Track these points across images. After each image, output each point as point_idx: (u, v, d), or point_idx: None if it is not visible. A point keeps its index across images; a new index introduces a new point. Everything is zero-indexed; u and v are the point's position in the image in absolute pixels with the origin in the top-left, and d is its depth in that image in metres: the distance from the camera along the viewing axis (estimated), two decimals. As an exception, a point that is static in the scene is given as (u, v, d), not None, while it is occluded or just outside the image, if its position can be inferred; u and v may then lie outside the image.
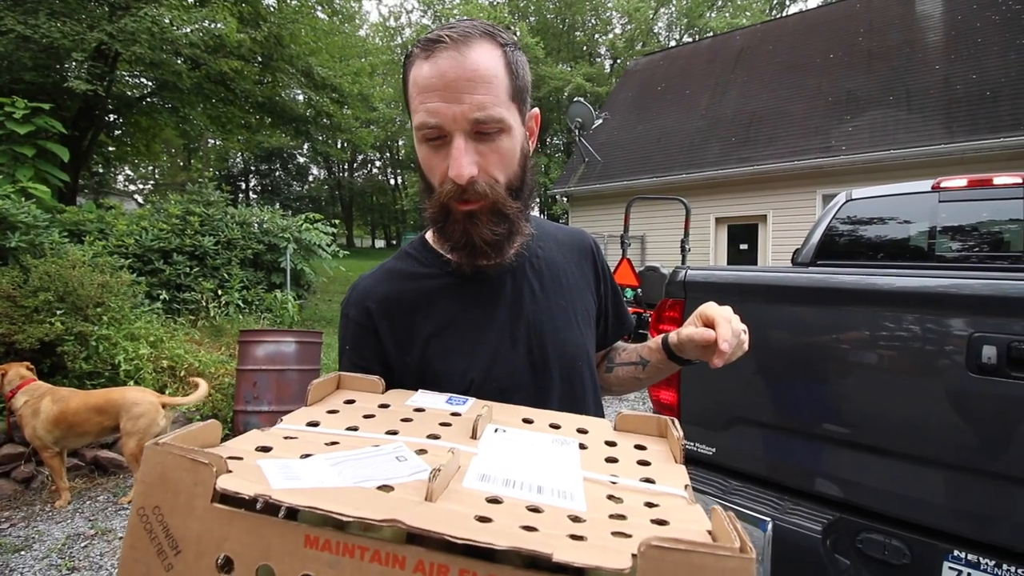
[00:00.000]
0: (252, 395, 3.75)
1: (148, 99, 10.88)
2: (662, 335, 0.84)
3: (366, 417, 0.59)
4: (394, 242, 35.76)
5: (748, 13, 25.44)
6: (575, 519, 0.40)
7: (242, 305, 6.45)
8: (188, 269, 6.23)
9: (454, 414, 0.62)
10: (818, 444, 1.46)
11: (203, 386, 3.18)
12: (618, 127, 12.40)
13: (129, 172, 26.50)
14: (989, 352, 1.19)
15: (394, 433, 0.55)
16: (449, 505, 0.39)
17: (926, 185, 3.04)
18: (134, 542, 0.39)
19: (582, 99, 12.57)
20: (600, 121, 12.67)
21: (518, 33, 23.07)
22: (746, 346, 0.76)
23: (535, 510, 0.40)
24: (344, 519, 0.34)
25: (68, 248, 4.32)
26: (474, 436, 0.55)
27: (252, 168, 31.17)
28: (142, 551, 0.39)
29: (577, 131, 10.66)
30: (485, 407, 0.61)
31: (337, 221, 9.13)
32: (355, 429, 0.56)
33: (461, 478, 0.45)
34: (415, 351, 0.75)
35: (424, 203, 0.74)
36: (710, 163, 9.76)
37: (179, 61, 9.12)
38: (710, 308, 0.76)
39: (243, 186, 31.12)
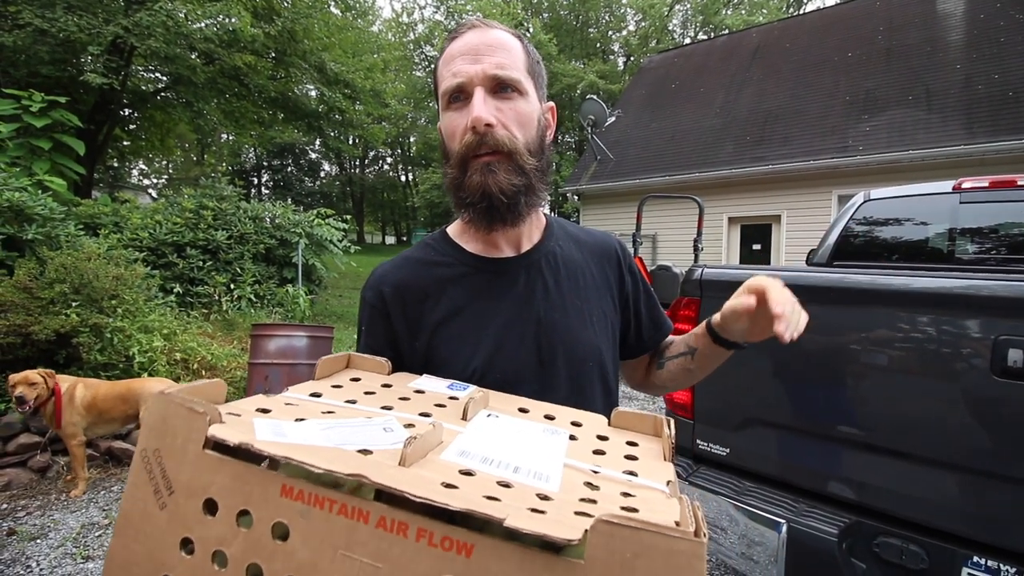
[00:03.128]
0: (263, 388, 3.78)
1: (162, 93, 11.00)
2: (706, 319, 0.82)
3: (367, 393, 0.61)
4: (404, 238, 35.91)
5: (765, 11, 25.15)
6: (543, 497, 0.40)
7: (254, 299, 6.51)
8: (201, 263, 6.29)
9: (452, 398, 0.63)
10: (835, 446, 1.44)
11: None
12: (631, 125, 12.32)
13: (143, 166, 26.86)
14: (1015, 355, 1.16)
15: (389, 408, 0.57)
16: (420, 471, 0.40)
17: (947, 186, 2.99)
18: (136, 480, 0.43)
19: (595, 96, 12.50)
20: (613, 119, 12.59)
21: (531, 29, 23.00)
22: (804, 315, 0.68)
23: (505, 485, 0.41)
24: (314, 470, 0.36)
25: (83, 241, 4.38)
26: (464, 417, 0.56)
27: (265, 163, 31.43)
28: (142, 489, 0.42)
29: (589, 128, 10.60)
30: (482, 393, 0.62)
31: (348, 217, 9.14)
32: (353, 402, 0.58)
33: (441, 452, 0.46)
34: (423, 336, 0.77)
35: (446, 173, 0.76)
36: (724, 162, 9.66)
37: (193, 56, 9.20)
38: (756, 279, 0.71)
39: (255, 181, 31.40)
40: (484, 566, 0.34)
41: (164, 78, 10.72)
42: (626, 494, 0.45)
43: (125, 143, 13.16)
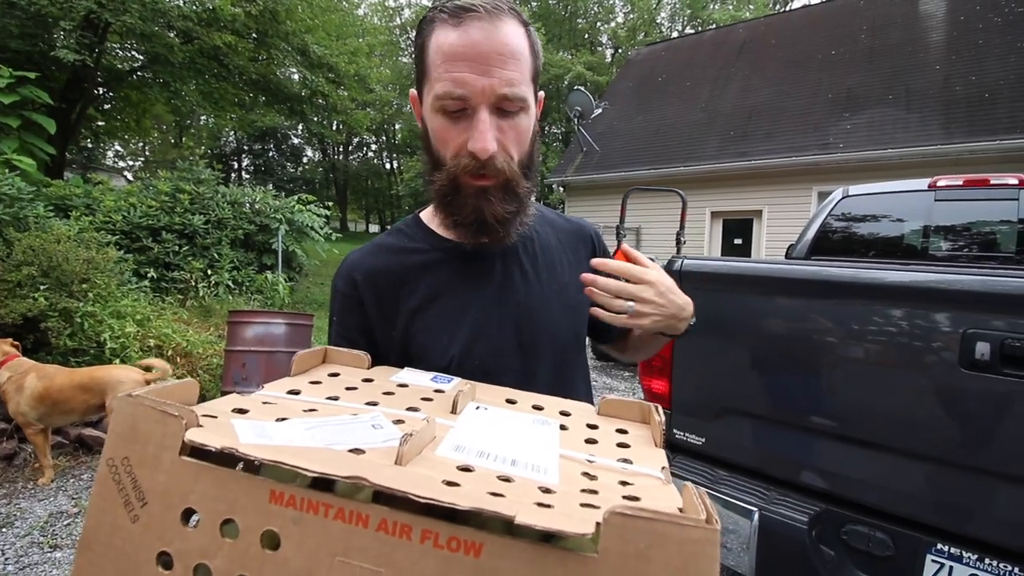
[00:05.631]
0: (241, 376, 3.72)
1: (139, 73, 10.65)
2: None
3: (348, 389, 0.59)
4: (388, 227, 35.55)
5: (752, 6, 25.26)
6: (545, 490, 0.39)
7: (232, 286, 6.39)
8: (177, 248, 6.15)
9: (437, 391, 0.61)
10: (806, 436, 1.46)
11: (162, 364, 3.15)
12: (617, 117, 12.32)
13: (119, 148, 26.06)
14: (983, 349, 1.19)
15: (374, 404, 0.55)
16: (418, 469, 0.39)
17: (923, 183, 3.04)
18: (102, 491, 0.39)
19: (582, 88, 12.46)
20: (600, 111, 12.58)
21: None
22: (640, 315, 0.70)
23: (506, 479, 0.40)
24: (308, 474, 0.34)
25: (53, 223, 4.24)
26: (454, 411, 0.55)
27: (245, 147, 30.77)
28: (109, 502, 0.39)
29: (576, 120, 10.58)
30: (469, 386, 0.61)
31: (331, 204, 9.02)
32: (335, 399, 0.56)
33: (435, 447, 0.45)
34: (399, 325, 0.75)
35: (430, 176, 0.72)
36: (708, 156, 9.73)
37: (171, 34, 8.93)
38: (642, 269, 0.72)
39: (235, 165, 30.75)
40: (494, 566, 0.33)
41: (140, 57, 10.39)
42: (624, 483, 0.44)
43: (99, 123, 12.76)
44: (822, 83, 9.76)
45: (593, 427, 0.58)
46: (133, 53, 10.65)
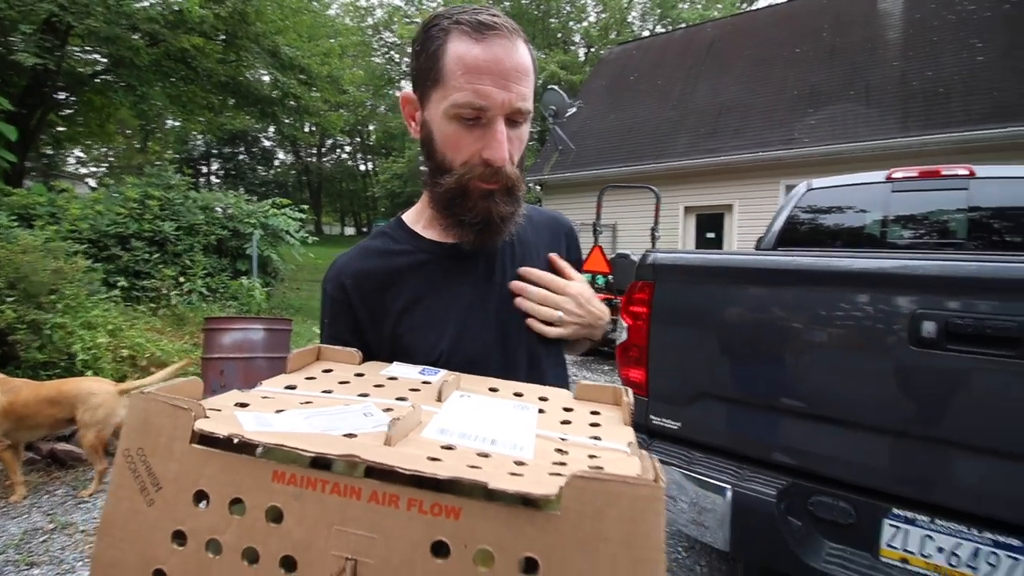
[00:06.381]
0: (219, 384, 3.67)
1: (102, 76, 10.35)
2: None
3: (341, 383, 0.63)
4: (364, 229, 35.21)
5: (720, 5, 25.78)
6: (519, 463, 0.44)
7: (206, 293, 6.28)
8: (148, 255, 6.02)
9: (425, 382, 0.65)
10: (774, 416, 1.55)
11: (165, 371, 3.11)
12: (591, 116, 12.46)
13: (80, 154, 25.23)
14: (929, 327, 1.28)
15: (365, 396, 0.59)
16: (405, 449, 0.43)
17: (881, 176, 3.19)
18: (120, 480, 0.43)
19: (556, 87, 12.56)
20: (574, 109, 12.70)
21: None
22: (560, 314, 0.80)
23: (484, 455, 0.44)
24: (307, 455, 0.39)
25: (18, 233, 4.12)
26: (439, 399, 0.59)
27: (215, 151, 30.11)
28: (126, 489, 0.43)
29: (551, 119, 10.67)
30: (454, 376, 0.64)
31: (305, 207, 8.90)
32: (329, 392, 0.59)
33: (421, 431, 0.48)
34: (388, 325, 0.78)
35: (434, 179, 0.75)
36: (680, 153, 9.92)
37: (136, 36, 8.70)
38: (569, 284, 0.83)
39: (204, 170, 30.07)
40: (472, 526, 0.37)
41: (104, 60, 10.10)
42: (592, 456, 0.48)
43: (60, 128, 12.36)
44: (787, 80, 10.04)
45: (569, 410, 0.62)
46: (96, 56, 10.34)
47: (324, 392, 0.59)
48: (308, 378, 0.64)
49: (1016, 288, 1.22)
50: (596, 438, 0.54)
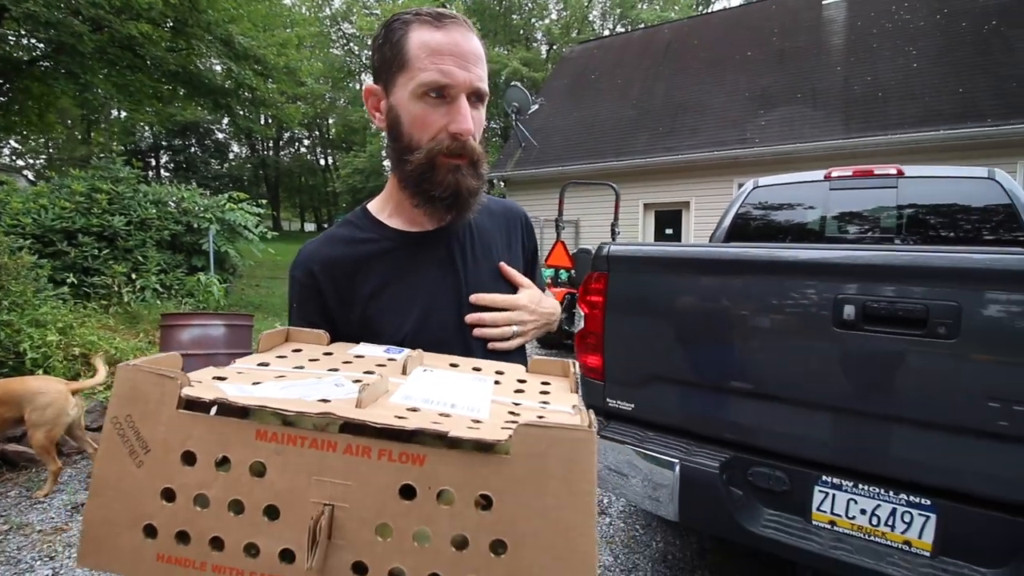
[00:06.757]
0: (178, 380, 3.60)
1: (41, 63, 9.77)
2: None
3: (311, 360, 0.68)
4: (325, 225, 34.39)
5: (677, 7, 26.42)
6: (476, 421, 0.50)
7: (160, 289, 6.08)
8: (96, 251, 5.79)
9: (390, 359, 0.71)
10: (717, 395, 1.69)
11: (101, 367, 3.02)
12: (553, 113, 12.61)
13: (15, 145, 23.66)
14: (849, 310, 1.44)
15: (335, 371, 0.64)
16: (375, 410, 0.48)
17: (819, 175, 3.43)
18: (108, 446, 0.47)
19: (519, 84, 12.65)
20: (536, 106, 12.81)
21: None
22: (523, 333, 0.90)
23: (445, 415, 0.50)
24: (287, 413, 0.44)
25: (-45, 226, 3.91)
26: (404, 373, 0.65)
27: (163, 143, 28.78)
28: (115, 452, 0.47)
29: (514, 116, 10.75)
30: (417, 353, 0.71)
31: (263, 202, 8.67)
32: (301, 368, 0.64)
33: (388, 397, 0.54)
34: (356, 308, 0.83)
35: (402, 158, 0.80)
36: (639, 151, 10.19)
37: (78, 21, 8.27)
38: (514, 297, 0.91)
39: (153, 163, 28.71)
40: (434, 470, 0.44)
41: (41, 46, 9.53)
42: (540, 416, 0.55)
43: (-7, 117, 11.58)
44: (740, 82, 10.45)
45: (522, 381, 0.69)
46: (33, 41, 9.74)
47: (296, 368, 0.63)
48: (279, 356, 0.68)
49: (919, 274, 1.39)
50: (545, 403, 0.61)
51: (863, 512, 1.50)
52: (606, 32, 25.57)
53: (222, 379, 0.55)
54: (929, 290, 1.37)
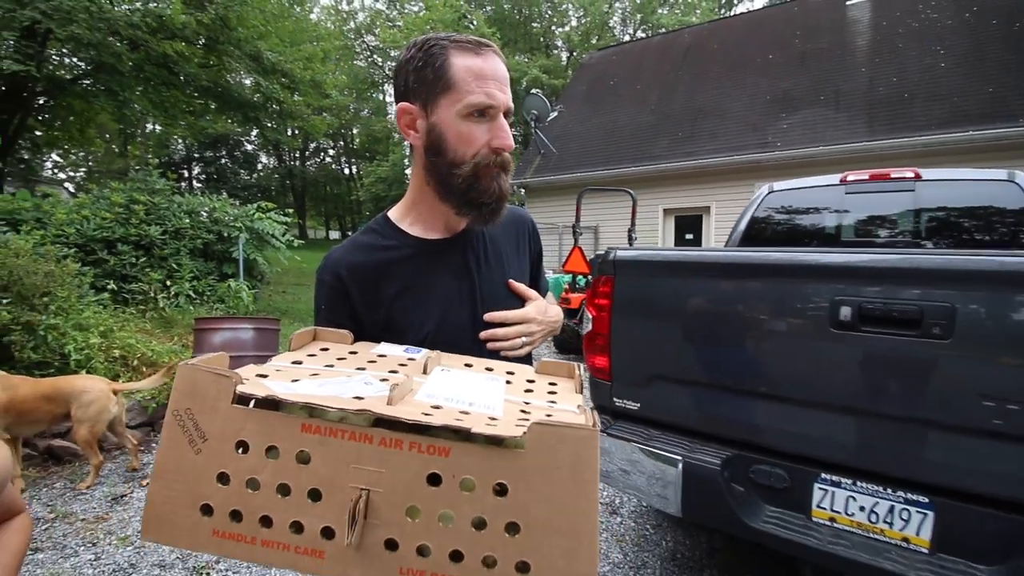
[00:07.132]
0: (210, 381, 3.78)
1: (83, 81, 10.32)
2: None
3: (339, 359, 0.76)
4: (349, 233, 35.04)
5: (698, 10, 26.28)
6: (492, 419, 0.57)
7: (193, 296, 6.35)
8: (134, 259, 6.08)
9: (410, 359, 0.78)
10: (720, 394, 1.74)
11: (156, 376, 3.21)
12: (572, 120, 12.69)
13: (58, 158, 24.81)
14: (846, 312, 1.48)
15: (362, 369, 0.72)
16: (404, 407, 0.55)
17: (835, 178, 3.43)
18: (170, 435, 0.54)
19: (538, 91, 12.77)
20: (555, 114, 12.91)
21: (475, 23, 22.99)
22: (532, 343, 0.99)
23: (465, 413, 0.58)
24: (330, 410, 0.52)
25: (9, 237, 4.19)
26: (425, 372, 0.73)
27: (195, 155, 29.79)
28: (176, 441, 0.54)
29: (533, 123, 10.87)
30: (435, 354, 0.79)
31: (290, 211, 8.95)
32: (331, 366, 0.72)
33: (413, 396, 0.61)
34: (381, 310, 0.92)
35: (449, 171, 0.88)
36: (658, 156, 10.18)
37: (118, 42, 8.72)
38: (522, 311, 0.98)
39: (186, 174, 29.72)
40: (458, 461, 0.50)
41: (82, 65, 10.06)
42: (549, 415, 0.63)
43: (38, 133, 12.24)
44: (760, 85, 10.37)
45: (531, 381, 0.77)
46: (75, 60, 10.30)
47: (327, 367, 0.70)
48: (310, 355, 0.76)
49: (914, 276, 1.43)
50: (552, 402, 0.69)
51: (862, 509, 1.53)
52: (626, 38, 25.59)
53: (264, 376, 0.63)
54: (923, 292, 1.41)
